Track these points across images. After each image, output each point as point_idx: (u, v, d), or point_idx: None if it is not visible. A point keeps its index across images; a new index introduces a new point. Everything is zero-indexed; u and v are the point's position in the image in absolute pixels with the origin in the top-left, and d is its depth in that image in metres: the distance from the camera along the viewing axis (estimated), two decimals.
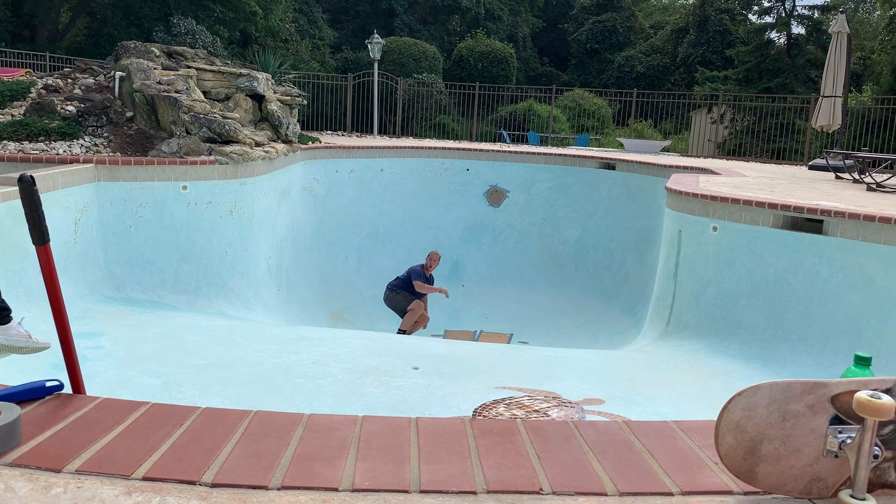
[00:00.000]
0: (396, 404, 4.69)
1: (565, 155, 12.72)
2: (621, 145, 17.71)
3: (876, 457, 1.32)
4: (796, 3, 25.02)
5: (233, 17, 22.40)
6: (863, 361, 1.58)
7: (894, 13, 23.05)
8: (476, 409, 4.67)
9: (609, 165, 11.94)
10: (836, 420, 1.36)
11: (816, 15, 24.88)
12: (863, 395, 1.26)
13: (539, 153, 12.94)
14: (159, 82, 8.38)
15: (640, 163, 11.52)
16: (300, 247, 10.57)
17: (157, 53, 9.20)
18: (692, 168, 10.97)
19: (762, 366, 5.99)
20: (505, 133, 20.53)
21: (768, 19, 25.47)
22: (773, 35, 25.03)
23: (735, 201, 6.59)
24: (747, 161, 16.05)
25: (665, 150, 17.49)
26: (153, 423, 1.55)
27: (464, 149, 13.26)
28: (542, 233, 12.17)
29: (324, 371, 5.32)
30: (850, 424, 1.35)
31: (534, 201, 12.35)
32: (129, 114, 8.25)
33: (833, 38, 11.95)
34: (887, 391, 1.32)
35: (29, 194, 1.77)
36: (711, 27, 28.78)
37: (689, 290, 7.03)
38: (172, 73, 8.76)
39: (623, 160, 11.92)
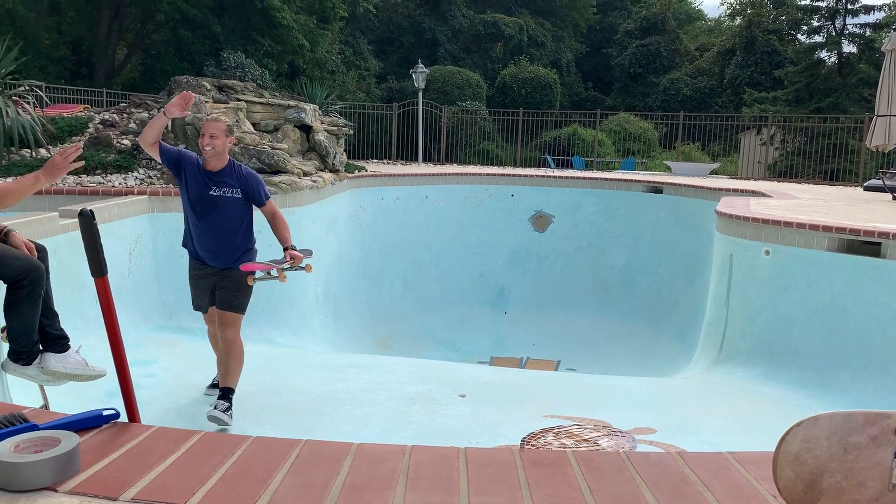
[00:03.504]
0: (443, 433, 4.66)
1: (611, 179, 12.63)
2: (668, 168, 17.52)
3: None
4: (847, 22, 24.49)
5: (281, 50, 22.95)
6: None
7: None
8: (524, 437, 4.62)
9: (656, 189, 11.81)
10: None
11: (868, 33, 24.36)
12: None
13: (584, 177, 12.88)
14: (210, 115, 8.61)
15: (689, 186, 11.36)
16: (346, 274, 10.67)
17: (209, 87, 9.47)
18: (742, 191, 10.78)
19: (820, 394, 5.80)
20: (549, 158, 20.49)
21: (818, 39, 25.01)
22: (824, 54, 24.58)
23: (788, 224, 6.45)
24: (799, 183, 15.70)
25: (713, 172, 17.23)
26: (206, 452, 1.57)
27: (508, 174, 13.28)
28: (588, 258, 12.05)
29: (371, 398, 5.33)
30: None
31: (580, 226, 12.26)
32: (182, 145, 8.48)
33: (886, 55, 11.67)
34: None
35: (88, 228, 1.82)
36: (759, 48, 28.38)
37: (742, 316, 6.87)
38: (223, 105, 9.00)
39: (671, 183, 11.77)
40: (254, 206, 4.69)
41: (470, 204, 12.51)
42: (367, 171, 12.41)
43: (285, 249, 4.58)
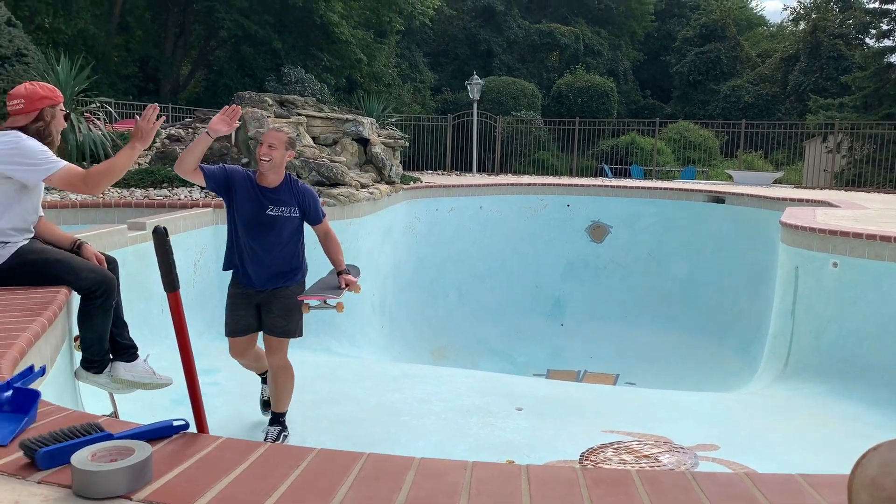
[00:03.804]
0: (501, 446, 4.64)
1: (671, 189, 12.42)
2: (730, 178, 17.13)
3: None
4: None
5: (339, 64, 23.37)
6: None
7: None
8: (583, 453, 4.56)
9: (718, 199, 11.56)
10: None
11: None
12: None
13: (643, 187, 12.70)
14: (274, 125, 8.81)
15: (752, 196, 11.09)
16: (402, 284, 10.74)
17: (270, 102, 9.69)
18: (808, 200, 10.46)
19: (894, 411, 5.57)
20: (606, 167, 20.28)
21: (888, 42, 24.17)
22: (894, 59, 23.71)
23: (857, 235, 6.22)
24: (868, 192, 15.15)
25: (777, 181, 16.78)
26: (271, 464, 1.60)
27: (564, 184, 13.19)
28: (647, 269, 11.86)
29: (427, 409, 5.34)
30: None
31: (639, 236, 12.08)
32: (245, 160, 8.69)
33: None
34: None
35: (162, 245, 1.89)
36: (824, 53, 27.58)
37: (809, 330, 6.65)
38: (284, 120, 9.19)
39: (733, 193, 11.51)
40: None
41: (525, 214, 12.47)
42: (422, 182, 12.50)
43: (339, 273, 4.26)
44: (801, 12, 32.83)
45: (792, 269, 7.02)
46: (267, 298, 4.21)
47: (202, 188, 8.39)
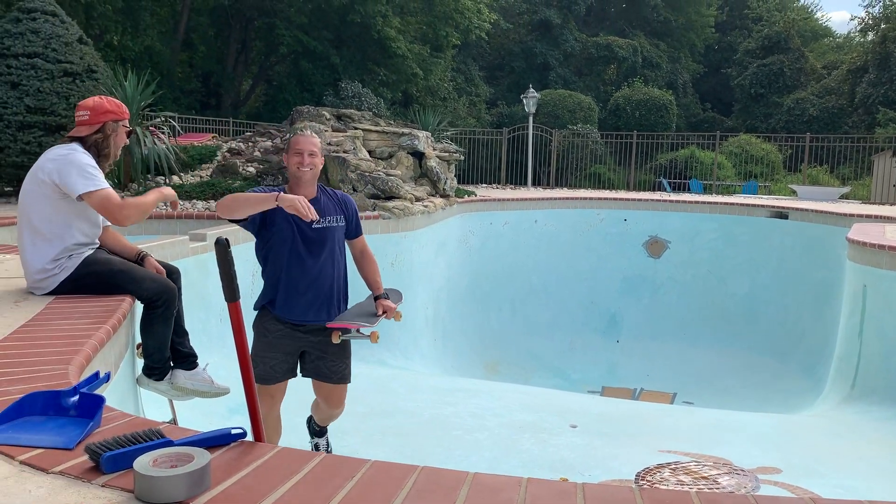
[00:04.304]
0: (554, 463, 4.58)
1: (732, 203, 12.14)
2: (794, 193, 16.64)
3: None
4: None
5: (395, 79, 23.64)
6: None
7: None
8: (639, 472, 4.46)
9: (781, 214, 11.23)
10: None
11: None
12: None
13: (703, 202, 12.44)
14: (329, 143, 8.94)
15: (817, 211, 10.74)
16: (455, 298, 10.74)
17: (328, 116, 9.85)
18: (877, 217, 10.08)
19: None
20: (665, 181, 19.94)
21: None
22: None
23: None
24: None
25: (843, 197, 16.23)
26: (327, 474, 1.60)
27: (620, 198, 13.02)
28: (707, 286, 11.59)
29: (480, 424, 5.32)
30: None
31: (698, 252, 11.83)
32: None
33: None
34: None
35: (224, 256, 1.92)
36: (894, 64, 26.64)
37: (878, 351, 6.39)
38: (341, 134, 9.33)
39: (797, 208, 11.17)
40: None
41: (580, 228, 12.34)
42: (476, 195, 12.50)
43: (377, 298, 3.73)
44: (870, 22, 31.79)
45: (860, 287, 6.77)
46: (319, 338, 3.60)
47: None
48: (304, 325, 3.60)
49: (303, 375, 3.73)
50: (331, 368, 3.67)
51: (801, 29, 34.95)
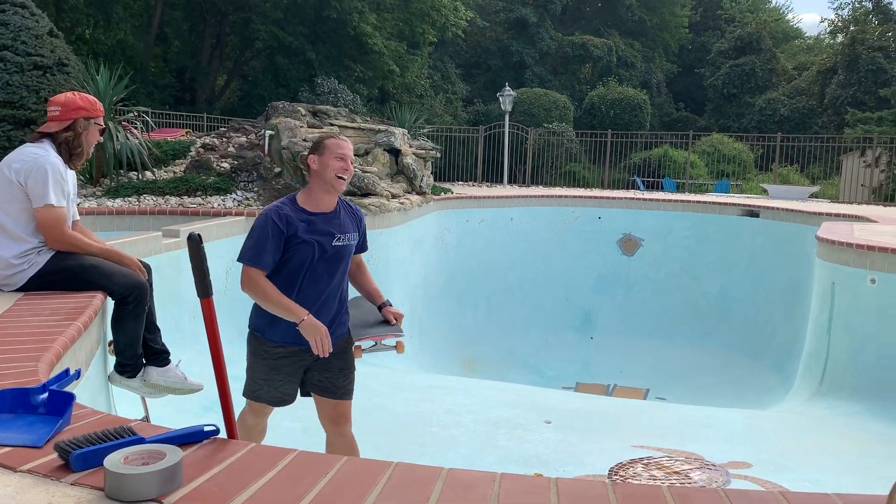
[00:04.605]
0: (529, 459, 4.61)
1: (704, 202, 12.27)
2: (765, 191, 16.88)
3: None
4: None
5: (372, 75, 23.56)
6: None
7: None
8: (612, 467, 4.51)
9: (752, 213, 11.38)
10: None
11: None
12: None
13: (676, 200, 12.57)
14: (305, 140, 8.89)
15: (787, 210, 10.90)
16: (432, 295, 10.74)
17: (304, 112, 9.79)
18: (845, 215, 10.26)
19: None
20: (639, 180, 20.12)
21: None
22: None
23: None
24: None
25: (813, 196, 16.49)
26: (300, 471, 1.60)
27: (595, 196, 13.11)
28: (680, 284, 11.71)
29: (456, 421, 5.33)
30: None
31: (671, 250, 11.94)
32: (278, 169, 8.79)
33: None
34: None
35: (196, 252, 1.91)
36: (863, 66, 27.12)
37: (845, 348, 6.51)
38: (317, 130, 9.28)
39: (768, 207, 11.33)
40: None
41: (556, 226, 12.40)
42: (452, 192, 12.51)
43: (382, 307, 3.50)
44: (839, 25, 32.32)
45: (828, 285, 6.89)
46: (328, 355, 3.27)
47: (237, 199, 8.52)
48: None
49: (301, 394, 3.42)
50: (337, 383, 3.37)
51: (773, 30, 35.46)
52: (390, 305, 3.54)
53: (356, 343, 3.44)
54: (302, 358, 3.26)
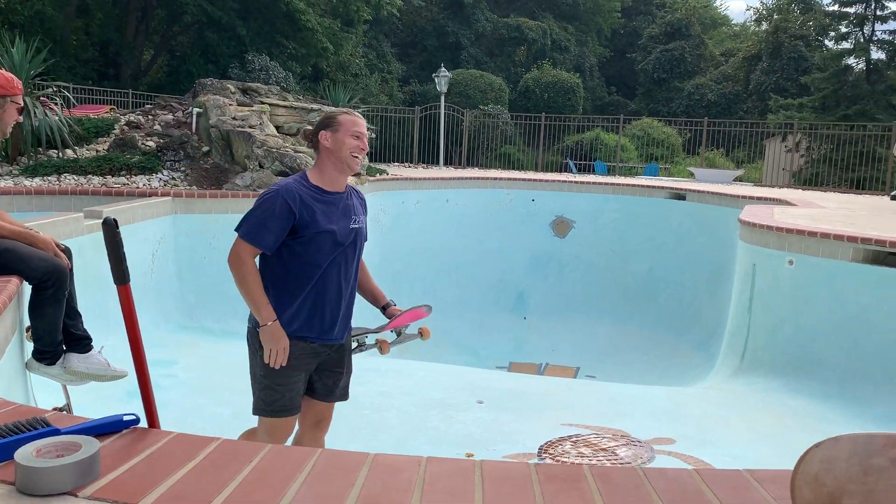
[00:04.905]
0: (461, 439, 4.66)
1: (634, 185, 12.56)
2: (692, 175, 17.38)
3: None
4: (875, 28, 24.16)
5: (305, 52, 23.10)
6: None
7: None
8: (542, 446, 4.60)
9: (679, 196, 11.72)
10: None
11: None
12: None
13: (606, 183, 12.82)
14: (234, 118, 8.69)
15: (712, 193, 11.26)
16: None
17: (233, 90, 9.56)
18: (766, 199, 10.67)
19: (843, 406, 5.72)
20: (571, 163, 20.43)
21: (846, 45, 24.69)
22: (852, 61, 24.26)
23: (812, 234, 6.37)
24: (825, 191, 15.50)
25: (738, 179, 17.07)
26: (223, 459, 1.58)
27: (529, 179, 13.26)
28: (610, 264, 11.98)
29: (389, 403, 5.35)
30: None
31: (601, 232, 12.20)
32: (206, 148, 8.57)
33: None
34: None
35: (112, 237, 1.85)
36: (785, 54, 28.10)
37: (765, 326, 6.80)
38: (247, 108, 9.08)
39: (694, 190, 11.68)
40: None
41: (491, 208, 12.50)
42: (388, 174, 12.45)
43: (386, 308, 3.30)
44: (764, 13, 33.42)
45: (749, 266, 7.16)
46: (334, 353, 3.05)
47: (163, 179, 8.25)
48: (333, 344, 3.01)
49: (306, 394, 3.07)
50: (339, 383, 3.14)
51: (702, 16, 36.36)
52: (394, 305, 3.29)
53: (378, 337, 3.21)
54: (319, 355, 2.97)
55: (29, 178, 7.68)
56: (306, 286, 2.86)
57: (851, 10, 24.11)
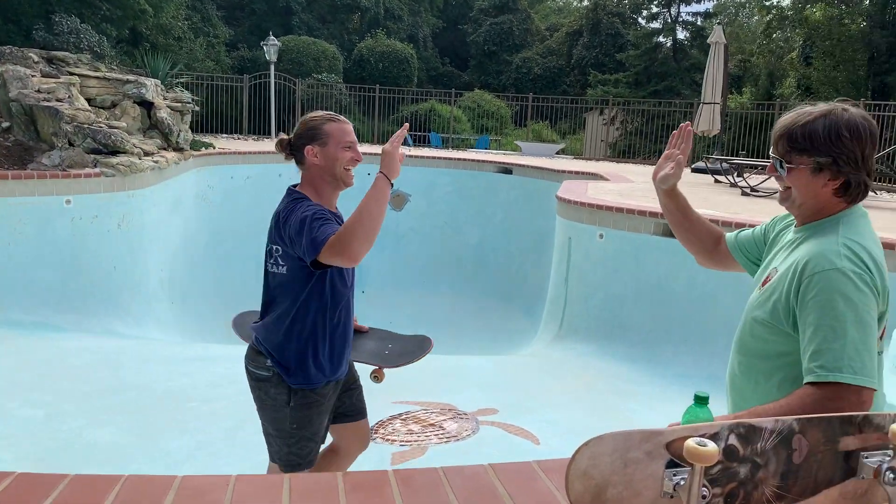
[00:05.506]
0: None
1: (465, 159, 12.94)
2: (519, 148, 18.14)
3: (704, 497, 1.46)
4: (681, 10, 26.21)
5: (121, 14, 21.40)
6: (701, 401, 1.75)
7: (770, 19, 24.60)
8: (373, 426, 4.72)
9: (506, 170, 12.23)
10: (671, 464, 1.49)
11: (699, 21, 26.23)
12: (690, 442, 1.38)
13: (440, 157, 13.11)
14: (38, 91, 7.99)
15: (536, 167, 11.86)
16: (194, 258, 10.30)
17: (36, 59, 8.75)
18: (584, 173, 11.39)
19: (647, 367, 6.32)
20: (407, 135, 20.59)
21: (656, 24, 26.65)
22: (661, 39, 26.22)
23: (619, 210, 6.92)
24: (636, 163, 16.77)
25: (560, 152, 18.03)
26: (19, 495, 1.53)
27: (366, 153, 13.14)
28: (444, 236, 12.34)
29: (219, 393, 5.25)
30: (684, 467, 1.48)
31: (435, 205, 12.50)
32: (6, 124, 7.83)
33: (711, 48, 12.66)
34: (714, 437, 1.46)
35: None
36: (604, 30, 29.78)
37: (579, 295, 7.33)
38: (53, 80, 8.36)
39: (519, 165, 12.23)
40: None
41: None
42: (215, 148, 11.97)
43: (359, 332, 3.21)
44: None
45: (566, 239, 7.66)
46: (346, 377, 2.93)
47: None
48: (343, 375, 2.86)
49: (333, 423, 2.92)
50: (361, 401, 3.06)
51: None
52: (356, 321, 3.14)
53: (377, 365, 3.12)
54: (338, 386, 2.82)
55: None
56: (335, 318, 2.67)
57: None
